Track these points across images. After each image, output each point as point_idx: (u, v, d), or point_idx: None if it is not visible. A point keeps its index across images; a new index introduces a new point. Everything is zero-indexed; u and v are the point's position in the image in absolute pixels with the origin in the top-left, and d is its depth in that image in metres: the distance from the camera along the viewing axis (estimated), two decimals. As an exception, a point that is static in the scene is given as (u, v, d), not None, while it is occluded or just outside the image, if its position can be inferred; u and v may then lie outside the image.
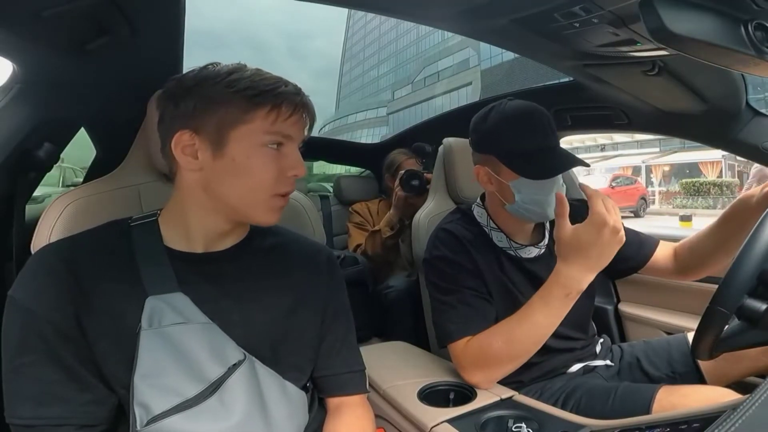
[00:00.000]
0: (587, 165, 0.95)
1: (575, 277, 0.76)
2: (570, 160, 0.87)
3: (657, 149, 19.97)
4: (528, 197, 0.87)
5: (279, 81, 0.60)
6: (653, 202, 16.69)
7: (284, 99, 0.59)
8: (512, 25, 0.80)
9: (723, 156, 16.23)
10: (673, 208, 15.73)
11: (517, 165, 0.86)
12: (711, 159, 16.91)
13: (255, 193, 0.60)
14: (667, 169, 18.58)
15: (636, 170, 18.70)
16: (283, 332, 0.66)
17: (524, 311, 0.80)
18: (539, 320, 0.79)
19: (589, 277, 0.76)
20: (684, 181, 16.67)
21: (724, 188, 15.59)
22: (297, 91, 0.61)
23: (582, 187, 0.78)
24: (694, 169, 17.75)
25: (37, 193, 1.19)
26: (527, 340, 0.80)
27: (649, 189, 17.77)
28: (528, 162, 0.85)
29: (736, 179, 16.40)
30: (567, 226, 0.75)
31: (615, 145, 21.30)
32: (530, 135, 0.86)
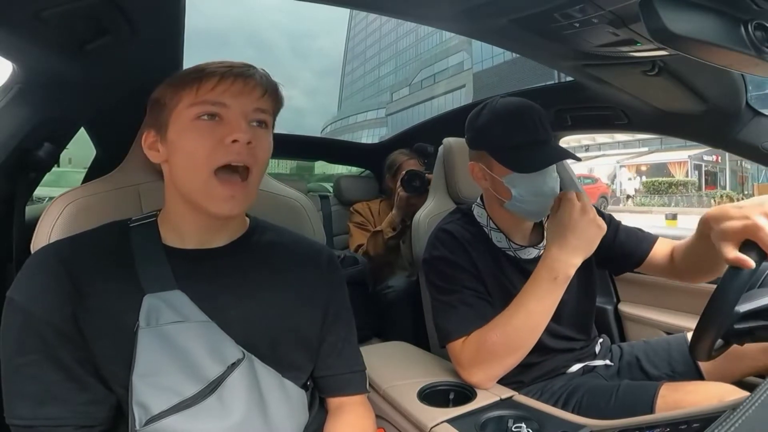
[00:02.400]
0: (578, 159, 0.96)
1: (560, 259, 0.79)
2: (560, 154, 0.88)
3: (644, 149, 20.35)
4: (524, 191, 0.87)
5: (219, 63, 0.61)
6: (625, 200, 17.18)
7: (206, 72, 0.59)
8: (512, 25, 0.80)
9: (689, 156, 17.03)
10: (634, 205, 16.20)
11: (506, 158, 0.87)
12: (678, 160, 17.57)
13: (195, 173, 0.58)
14: (644, 168, 18.98)
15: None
16: (283, 330, 0.65)
17: (517, 300, 0.82)
18: (532, 307, 0.80)
19: (574, 261, 0.79)
20: (645, 180, 17.17)
21: (680, 187, 16.30)
22: (232, 65, 0.60)
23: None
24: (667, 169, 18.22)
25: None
26: (523, 329, 0.80)
27: (625, 187, 18.35)
28: (517, 155, 0.86)
29: (693, 179, 17.19)
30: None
31: (598, 146, 21.67)
32: (520, 130, 0.87)
